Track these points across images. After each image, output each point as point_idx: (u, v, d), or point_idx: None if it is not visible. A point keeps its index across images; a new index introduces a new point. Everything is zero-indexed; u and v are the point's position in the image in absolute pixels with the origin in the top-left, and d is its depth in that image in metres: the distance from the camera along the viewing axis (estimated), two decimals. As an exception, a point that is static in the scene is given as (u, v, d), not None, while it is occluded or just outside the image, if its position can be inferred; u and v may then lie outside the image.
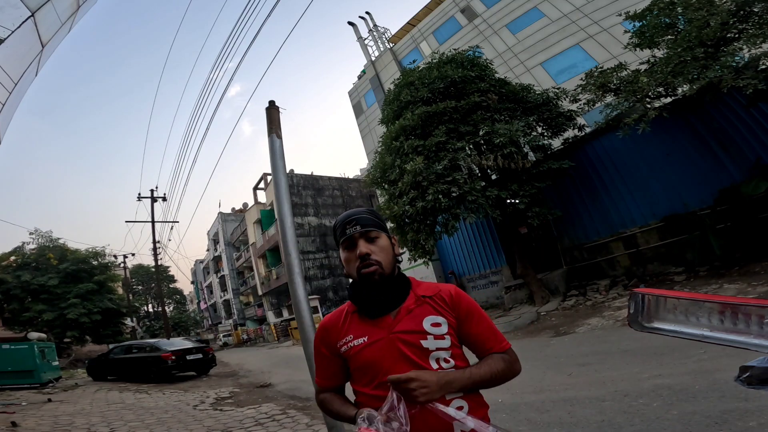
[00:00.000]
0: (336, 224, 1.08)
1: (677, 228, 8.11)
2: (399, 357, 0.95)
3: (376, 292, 1.01)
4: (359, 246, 1.01)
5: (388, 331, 0.98)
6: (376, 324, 1.00)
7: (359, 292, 1.04)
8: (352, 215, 1.05)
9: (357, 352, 0.99)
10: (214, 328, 43.95)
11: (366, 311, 1.02)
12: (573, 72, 14.59)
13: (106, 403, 7.09)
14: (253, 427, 4.59)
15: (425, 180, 8.37)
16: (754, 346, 1.00)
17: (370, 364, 0.97)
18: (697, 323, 1.14)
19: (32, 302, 19.84)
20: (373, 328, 1.00)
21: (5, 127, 8.72)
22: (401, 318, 1.00)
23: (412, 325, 0.98)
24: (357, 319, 1.04)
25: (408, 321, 0.99)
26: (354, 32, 25.94)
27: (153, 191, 20.38)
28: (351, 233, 1.02)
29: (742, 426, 2.33)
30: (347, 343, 1.01)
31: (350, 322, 1.04)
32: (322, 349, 1.08)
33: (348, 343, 1.01)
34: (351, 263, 1.02)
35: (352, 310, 1.06)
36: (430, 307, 1.01)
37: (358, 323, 1.03)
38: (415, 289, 1.05)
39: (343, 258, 1.05)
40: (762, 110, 7.34)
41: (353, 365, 1.01)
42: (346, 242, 1.03)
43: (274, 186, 2.49)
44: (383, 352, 0.96)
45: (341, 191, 30.78)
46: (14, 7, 6.46)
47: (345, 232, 1.03)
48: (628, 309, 1.32)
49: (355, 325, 1.03)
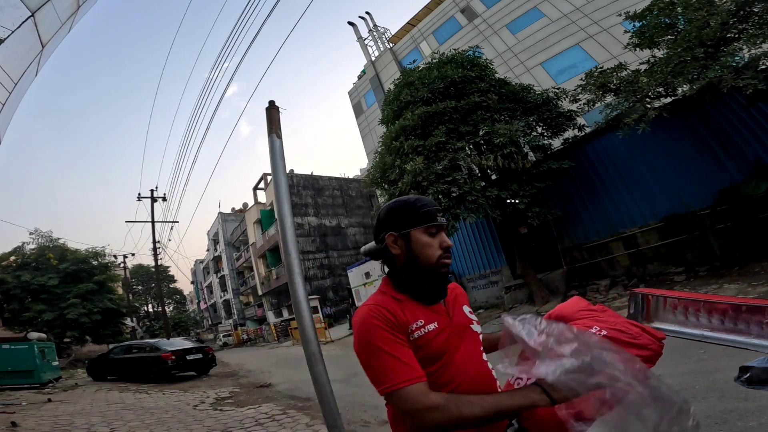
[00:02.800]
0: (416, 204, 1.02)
1: (677, 228, 8.11)
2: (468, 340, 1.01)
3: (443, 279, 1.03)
4: (444, 238, 1.02)
5: (448, 317, 1.01)
6: (435, 310, 1.00)
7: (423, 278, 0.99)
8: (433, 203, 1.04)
9: (433, 337, 0.94)
10: (214, 328, 43.96)
11: (429, 298, 1.00)
12: (573, 72, 14.60)
13: (106, 403, 7.09)
14: (253, 427, 4.59)
15: (425, 180, 8.37)
16: (754, 346, 1.00)
17: (443, 351, 0.94)
18: (697, 323, 1.14)
19: (32, 302, 19.85)
20: (436, 315, 0.98)
21: (5, 128, 8.72)
22: (451, 305, 1.05)
23: (460, 312, 1.06)
24: (416, 305, 0.98)
25: (456, 308, 1.06)
26: (354, 32, 25.96)
27: (153, 191, 20.38)
28: (441, 222, 1.02)
29: (742, 426, 2.33)
30: (420, 328, 0.93)
31: (410, 308, 0.96)
32: (394, 336, 0.88)
33: (421, 328, 0.93)
34: (432, 249, 0.99)
35: (403, 298, 0.98)
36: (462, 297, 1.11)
37: (420, 309, 0.98)
38: None
39: (423, 241, 0.99)
40: (762, 110, 7.34)
41: (425, 352, 0.92)
42: (433, 228, 1.01)
43: (274, 186, 2.49)
44: (453, 337, 0.97)
45: (341, 191, 30.79)
46: (14, 7, 6.46)
47: (436, 218, 1.01)
48: (628, 309, 1.32)
49: (420, 311, 0.97)
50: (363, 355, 0.88)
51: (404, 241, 1.01)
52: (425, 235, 1.00)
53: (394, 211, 1.04)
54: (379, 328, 0.88)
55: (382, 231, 1.05)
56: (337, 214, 29.59)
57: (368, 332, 0.88)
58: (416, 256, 0.99)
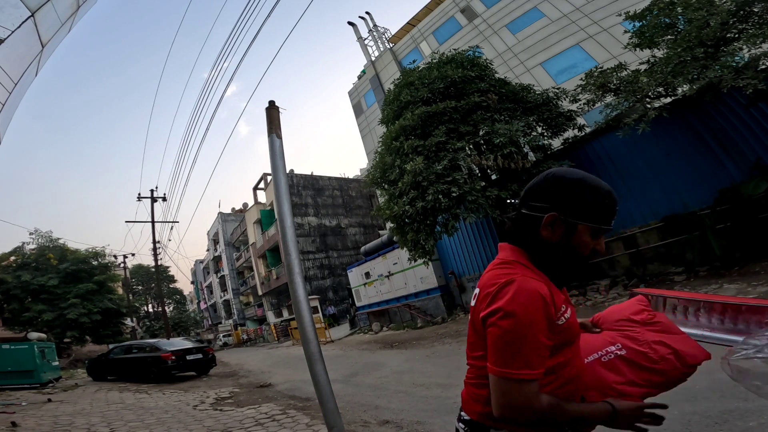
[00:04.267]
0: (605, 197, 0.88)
1: (677, 228, 8.11)
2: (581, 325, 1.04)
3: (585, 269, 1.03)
4: (602, 243, 0.92)
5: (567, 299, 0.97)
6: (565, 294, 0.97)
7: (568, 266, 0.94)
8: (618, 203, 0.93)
9: (572, 323, 0.91)
10: (214, 328, 43.94)
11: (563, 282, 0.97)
12: (573, 72, 14.59)
13: (106, 403, 7.09)
14: (253, 427, 4.59)
15: (425, 180, 8.37)
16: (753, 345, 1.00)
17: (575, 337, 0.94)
18: (697, 323, 1.14)
19: (32, 302, 19.87)
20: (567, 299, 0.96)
21: (5, 128, 8.72)
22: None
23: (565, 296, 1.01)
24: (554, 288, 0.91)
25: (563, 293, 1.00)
26: (354, 32, 25.95)
27: (153, 191, 20.37)
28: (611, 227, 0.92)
29: (742, 426, 2.33)
30: (564, 313, 0.89)
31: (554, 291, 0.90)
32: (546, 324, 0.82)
33: (564, 313, 0.89)
34: (586, 247, 0.90)
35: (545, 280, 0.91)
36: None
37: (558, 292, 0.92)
38: None
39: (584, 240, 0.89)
40: (762, 110, 7.34)
41: (561, 339, 0.87)
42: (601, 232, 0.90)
43: (274, 186, 2.50)
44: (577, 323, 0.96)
45: (341, 191, 30.79)
46: (14, 7, 6.46)
47: (611, 222, 0.90)
48: (628, 309, 1.31)
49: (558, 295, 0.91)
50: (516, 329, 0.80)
51: (564, 229, 0.89)
52: (589, 234, 0.89)
53: (577, 189, 0.88)
54: (551, 309, 0.82)
55: (542, 201, 0.91)
56: (337, 214, 29.59)
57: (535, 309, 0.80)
58: (573, 247, 0.90)
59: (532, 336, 0.79)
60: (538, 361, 0.80)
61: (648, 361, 1.00)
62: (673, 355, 1.01)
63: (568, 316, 0.89)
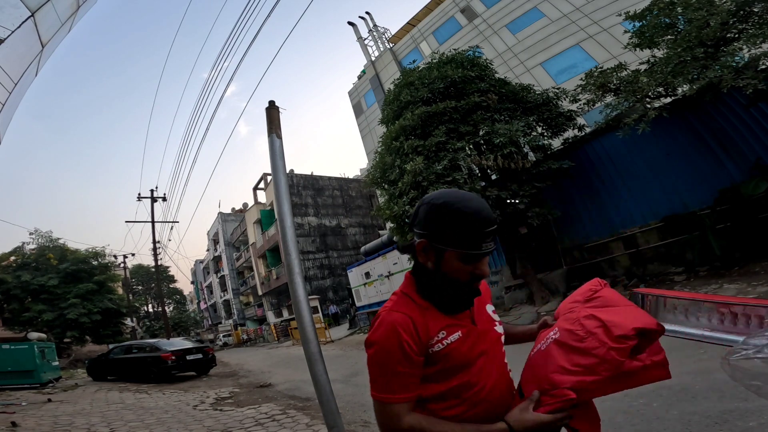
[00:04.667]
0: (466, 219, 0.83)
1: (677, 228, 8.11)
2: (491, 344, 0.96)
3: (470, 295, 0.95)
4: (485, 265, 0.89)
5: (472, 324, 0.95)
6: (459, 318, 0.94)
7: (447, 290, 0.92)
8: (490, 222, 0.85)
9: (455, 348, 0.89)
10: (214, 328, 43.94)
11: (451, 308, 0.93)
12: (573, 72, 14.59)
13: (106, 403, 7.09)
14: (253, 427, 4.59)
15: (425, 180, 8.36)
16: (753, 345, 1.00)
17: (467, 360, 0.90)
18: (697, 323, 1.14)
19: (32, 302, 19.88)
20: (459, 323, 0.93)
21: (5, 128, 8.72)
22: (476, 309, 0.98)
23: (485, 315, 0.99)
24: (438, 314, 0.92)
25: (480, 311, 0.99)
26: (354, 32, 25.95)
27: (153, 191, 20.38)
28: (486, 250, 0.86)
29: (742, 426, 2.33)
30: (441, 341, 0.89)
31: (434, 319, 0.91)
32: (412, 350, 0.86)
33: (442, 341, 0.89)
34: (463, 273, 0.88)
35: (425, 305, 0.92)
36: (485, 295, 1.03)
37: (442, 318, 0.92)
38: None
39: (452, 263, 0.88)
40: (762, 110, 7.34)
41: (444, 365, 0.89)
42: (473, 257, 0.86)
43: (274, 186, 2.49)
44: (476, 345, 0.93)
45: (341, 191, 30.79)
46: (14, 7, 6.46)
47: (480, 246, 0.84)
48: (628, 309, 1.32)
49: (441, 321, 0.91)
50: (375, 357, 0.88)
51: (435, 255, 0.89)
52: (460, 261, 0.87)
53: (439, 213, 0.86)
54: (404, 343, 0.85)
55: (418, 228, 0.91)
56: (337, 214, 29.59)
57: (391, 342, 0.86)
58: (445, 273, 0.90)
59: (390, 365, 0.86)
60: (398, 388, 0.86)
61: (575, 339, 0.89)
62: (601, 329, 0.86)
63: (450, 341, 0.89)
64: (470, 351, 0.91)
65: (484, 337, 0.95)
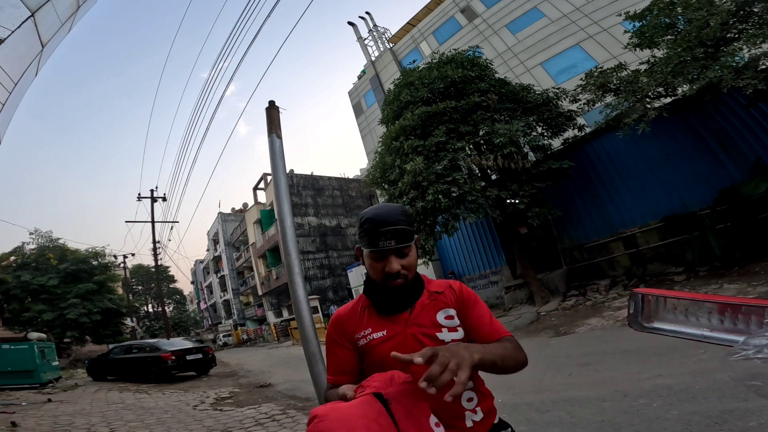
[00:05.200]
0: (365, 224, 0.97)
1: (677, 228, 8.11)
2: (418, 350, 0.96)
3: (396, 294, 1.01)
4: (391, 262, 0.97)
5: (405, 326, 1.01)
6: (393, 320, 1.02)
7: (377, 292, 1.04)
8: (386, 223, 0.95)
9: (376, 345, 1.00)
10: (214, 328, 43.94)
11: (384, 309, 1.03)
12: (573, 72, 14.59)
13: (106, 403, 7.09)
14: (253, 427, 4.59)
15: (425, 180, 8.37)
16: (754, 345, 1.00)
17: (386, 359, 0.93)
18: (697, 323, 1.14)
19: (32, 302, 19.86)
20: (391, 324, 1.01)
21: (5, 128, 8.72)
22: (417, 313, 1.03)
23: (427, 320, 1.02)
24: (374, 313, 1.04)
25: (423, 316, 1.03)
26: (354, 32, 25.95)
27: (153, 191, 20.38)
28: (384, 248, 0.95)
29: (742, 426, 2.33)
30: (366, 336, 1.02)
31: (367, 316, 1.04)
32: (338, 340, 1.05)
33: (367, 336, 1.01)
34: (376, 271, 1.00)
35: (367, 304, 1.07)
36: (441, 302, 1.05)
37: (376, 318, 1.03)
38: (427, 286, 1.09)
39: (367, 263, 1.02)
40: (762, 110, 7.34)
41: (370, 359, 1.01)
42: (375, 254, 0.98)
43: (274, 186, 2.50)
44: (401, 345, 0.97)
45: (341, 191, 30.78)
46: (14, 7, 6.45)
47: (377, 243, 0.95)
48: (628, 309, 1.32)
49: (373, 320, 1.03)
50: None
51: (362, 257, 1.05)
52: (371, 259, 1.00)
53: (358, 222, 1.02)
54: (331, 331, 1.08)
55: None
56: (337, 214, 29.58)
57: (329, 330, 1.09)
58: (368, 273, 1.04)
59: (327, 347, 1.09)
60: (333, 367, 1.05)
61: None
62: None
63: (372, 338, 1.01)
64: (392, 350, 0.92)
65: (412, 340, 0.98)
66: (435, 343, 0.98)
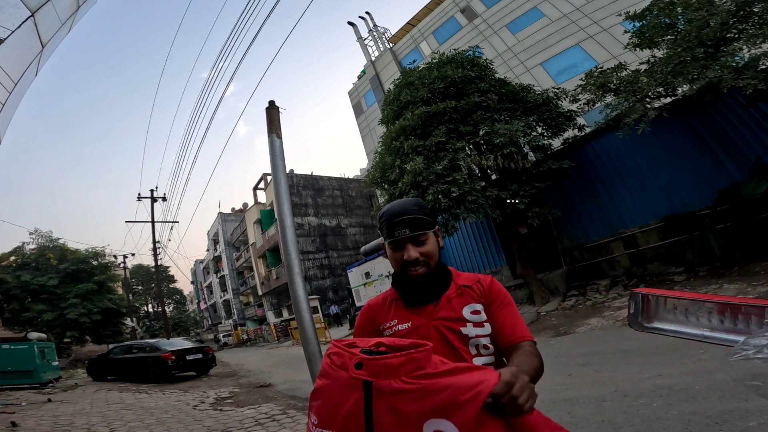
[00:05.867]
0: (382, 218, 1.05)
1: (677, 228, 8.11)
2: (441, 342, 0.99)
3: (419, 285, 1.04)
4: (408, 250, 1.02)
5: (430, 319, 1.03)
6: (419, 312, 1.04)
7: (403, 283, 1.08)
8: (401, 214, 1.02)
9: (401, 337, 1.02)
10: (214, 328, 43.93)
11: (409, 301, 1.06)
12: (573, 72, 14.59)
13: (106, 403, 7.09)
14: (253, 427, 4.59)
15: (425, 180, 8.36)
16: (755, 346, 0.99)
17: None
18: (697, 323, 1.14)
19: (32, 302, 19.86)
20: (416, 316, 1.04)
21: (5, 128, 8.72)
22: (442, 306, 1.04)
23: (452, 313, 1.03)
24: (401, 305, 1.08)
25: (448, 309, 1.04)
26: (354, 32, 25.96)
27: (153, 191, 20.38)
28: (399, 237, 1.01)
29: (742, 426, 2.33)
30: (391, 327, 1.05)
31: (394, 308, 1.08)
32: (365, 328, 1.10)
33: (392, 327, 1.05)
34: (397, 261, 1.04)
35: (394, 297, 1.10)
36: (469, 296, 1.06)
37: (402, 310, 1.07)
38: (455, 279, 1.11)
39: (389, 255, 1.07)
40: (762, 110, 7.34)
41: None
42: (393, 244, 1.04)
43: (274, 186, 2.50)
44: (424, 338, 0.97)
45: (341, 191, 30.78)
46: (14, 7, 6.45)
47: (393, 233, 1.02)
48: (628, 309, 1.32)
49: (400, 312, 1.07)
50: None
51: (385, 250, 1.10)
52: (390, 250, 1.06)
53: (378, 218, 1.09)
54: (361, 318, 1.13)
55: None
56: (337, 214, 29.58)
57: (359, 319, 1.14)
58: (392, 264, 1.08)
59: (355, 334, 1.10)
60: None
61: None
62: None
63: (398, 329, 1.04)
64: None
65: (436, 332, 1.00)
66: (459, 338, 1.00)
